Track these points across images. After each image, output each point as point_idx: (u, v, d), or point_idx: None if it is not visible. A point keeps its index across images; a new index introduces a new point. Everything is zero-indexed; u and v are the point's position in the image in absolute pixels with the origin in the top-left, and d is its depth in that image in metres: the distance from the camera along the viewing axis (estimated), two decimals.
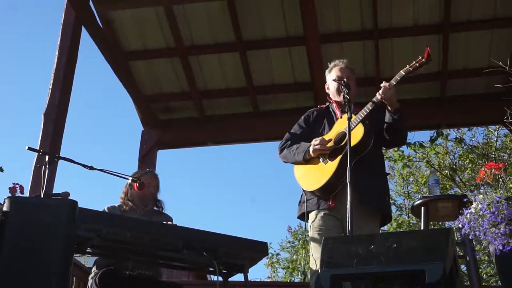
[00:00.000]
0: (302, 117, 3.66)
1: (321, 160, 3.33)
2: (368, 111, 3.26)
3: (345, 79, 3.37)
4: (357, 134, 3.21)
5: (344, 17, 5.80)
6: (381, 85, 3.24)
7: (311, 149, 3.35)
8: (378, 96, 3.25)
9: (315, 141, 3.34)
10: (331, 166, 3.26)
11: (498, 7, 5.63)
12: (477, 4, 5.63)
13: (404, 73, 3.22)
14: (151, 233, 3.01)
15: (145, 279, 3.66)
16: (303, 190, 3.42)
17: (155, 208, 4.04)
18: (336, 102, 3.54)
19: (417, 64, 3.20)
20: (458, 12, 5.68)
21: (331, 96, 3.60)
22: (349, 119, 3.02)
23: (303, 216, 3.41)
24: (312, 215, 3.36)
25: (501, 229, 2.56)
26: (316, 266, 3.17)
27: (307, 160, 3.38)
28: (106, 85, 34.53)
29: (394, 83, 3.23)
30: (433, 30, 5.86)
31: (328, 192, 3.27)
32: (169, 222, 3.88)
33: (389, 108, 3.28)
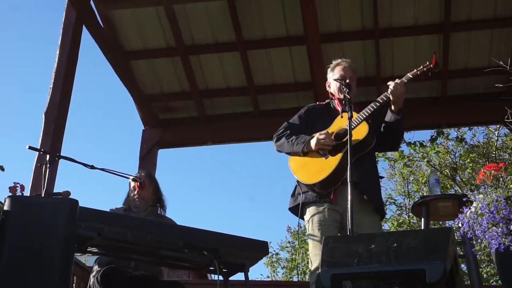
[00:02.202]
0: (303, 110, 3.64)
1: (320, 154, 3.32)
2: (372, 109, 3.26)
3: (347, 80, 3.37)
4: (362, 131, 3.22)
5: (345, 17, 5.80)
6: (393, 81, 3.26)
7: (313, 141, 3.31)
8: (386, 93, 3.26)
9: (320, 135, 3.31)
10: (332, 161, 3.25)
11: (498, 7, 5.62)
12: (477, 4, 5.63)
13: (411, 76, 3.29)
14: (152, 232, 3.01)
15: (146, 278, 3.67)
16: (298, 183, 3.39)
17: (158, 211, 3.96)
18: (339, 99, 3.52)
19: (424, 69, 3.27)
20: (458, 12, 5.68)
21: (333, 93, 3.59)
22: (350, 118, 3.02)
23: (296, 208, 3.36)
24: (311, 209, 3.33)
25: (499, 228, 2.56)
26: (315, 262, 3.17)
27: (305, 153, 3.36)
28: (106, 85, 34.54)
29: (406, 81, 3.27)
30: (433, 29, 5.86)
31: (327, 187, 3.27)
32: None
33: (393, 107, 3.29)
